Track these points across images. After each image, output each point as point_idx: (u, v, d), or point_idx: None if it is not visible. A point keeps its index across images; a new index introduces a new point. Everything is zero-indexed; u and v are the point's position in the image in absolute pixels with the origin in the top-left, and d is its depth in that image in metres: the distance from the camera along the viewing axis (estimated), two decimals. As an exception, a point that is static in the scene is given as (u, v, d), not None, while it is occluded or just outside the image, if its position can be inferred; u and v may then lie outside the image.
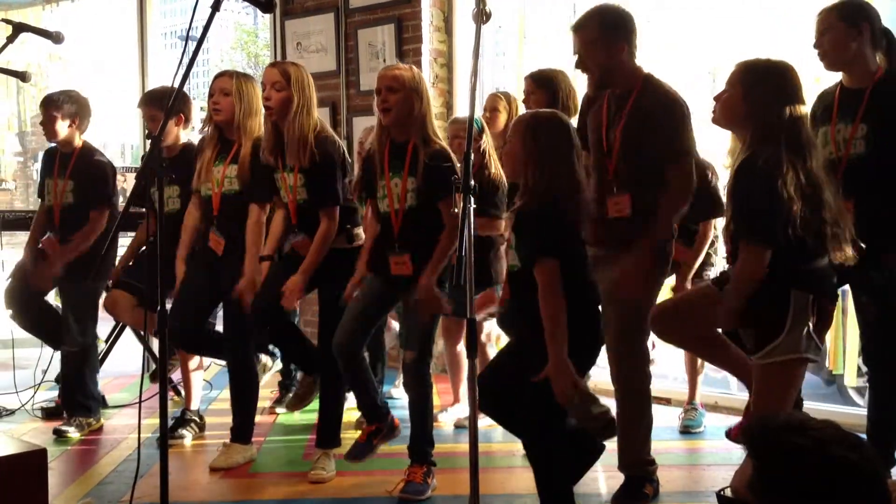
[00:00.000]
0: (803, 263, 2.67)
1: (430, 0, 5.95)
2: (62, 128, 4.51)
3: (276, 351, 4.52)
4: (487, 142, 4.28)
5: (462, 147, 4.26)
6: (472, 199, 2.58)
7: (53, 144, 4.63)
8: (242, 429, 4.06)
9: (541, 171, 2.81)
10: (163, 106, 4.22)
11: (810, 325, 2.66)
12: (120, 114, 4.37)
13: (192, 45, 2.67)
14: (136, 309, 4.38)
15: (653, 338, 4.44)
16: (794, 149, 2.64)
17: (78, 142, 4.58)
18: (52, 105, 4.50)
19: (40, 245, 4.60)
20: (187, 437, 4.40)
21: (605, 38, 3.26)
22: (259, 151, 3.81)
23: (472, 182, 2.58)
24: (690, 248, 4.17)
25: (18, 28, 3.85)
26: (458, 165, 3.50)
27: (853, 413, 4.62)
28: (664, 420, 4.65)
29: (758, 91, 2.68)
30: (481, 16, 2.78)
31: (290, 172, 3.71)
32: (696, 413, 4.52)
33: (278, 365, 4.85)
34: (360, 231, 3.84)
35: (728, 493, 1.59)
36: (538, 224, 2.80)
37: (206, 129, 4.05)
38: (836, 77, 3.39)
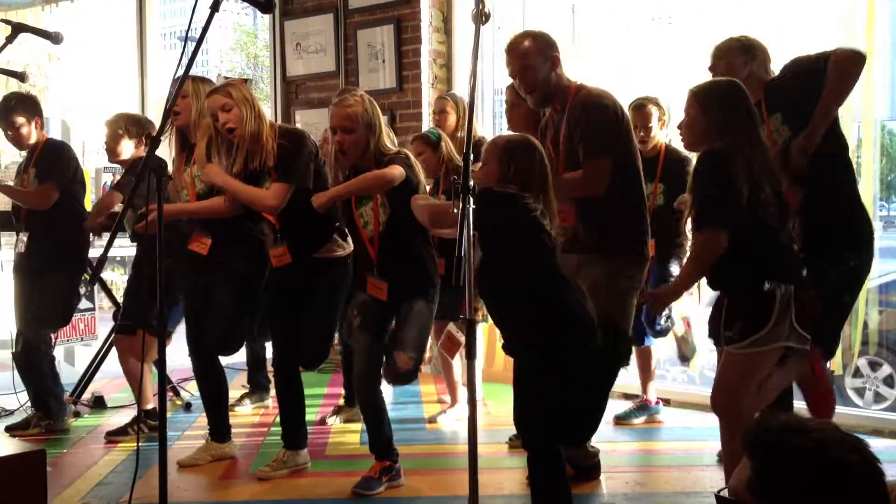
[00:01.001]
0: (780, 258, 2.81)
1: (429, 1, 5.95)
2: (30, 133, 4.54)
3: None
4: (448, 149, 4.35)
5: (428, 163, 4.37)
6: (471, 200, 2.58)
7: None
8: (219, 428, 4.10)
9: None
10: (127, 127, 4.39)
11: (793, 315, 2.77)
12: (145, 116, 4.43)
13: (191, 46, 2.67)
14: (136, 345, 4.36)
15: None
16: (745, 140, 2.84)
17: (42, 137, 4.62)
18: (15, 113, 4.49)
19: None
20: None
21: (542, 54, 3.44)
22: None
23: (472, 182, 2.57)
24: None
25: (17, 28, 3.83)
26: (419, 168, 3.59)
27: (852, 413, 4.62)
28: (663, 421, 4.66)
29: (713, 107, 2.90)
30: (480, 16, 2.78)
31: (269, 178, 3.73)
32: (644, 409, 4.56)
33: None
34: (349, 239, 3.84)
35: (726, 493, 1.59)
36: (489, 218, 2.79)
37: (168, 136, 4.04)
38: None
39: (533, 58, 3.43)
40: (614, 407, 4.35)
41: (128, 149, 4.42)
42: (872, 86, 4.53)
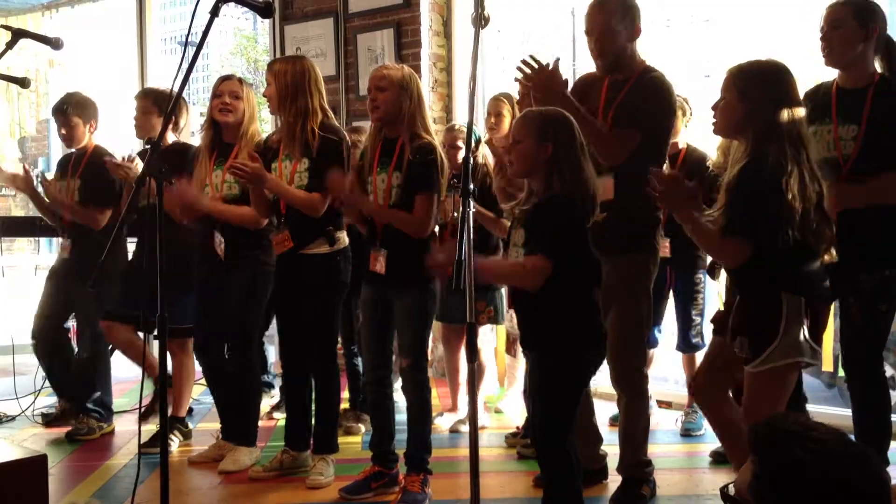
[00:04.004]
0: (795, 266, 2.67)
1: (429, 4, 5.95)
2: (82, 135, 4.60)
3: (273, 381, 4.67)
4: (483, 152, 4.33)
5: (455, 156, 4.34)
6: (472, 204, 2.58)
7: (70, 150, 4.71)
8: (247, 431, 4.08)
9: (557, 170, 2.77)
10: (157, 103, 4.34)
11: (805, 328, 2.64)
12: (119, 120, 4.42)
13: (191, 51, 2.67)
14: (133, 341, 4.41)
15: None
16: (794, 144, 2.64)
17: (91, 143, 4.65)
18: (73, 114, 4.56)
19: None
20: (174, 443, 4.36)
21: (626, 20, 3.31)
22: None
23: (472, 186, 2.57)
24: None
25: (18, 34, 3.84)
26: (447, 163, 3.55)
27: (854, 415, 4.61)
28: (665, 424, 4.65)
29: (752, 91, 2.68)
30: (480, 20, 2.79)
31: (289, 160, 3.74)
32: (696, 416, 4.52)
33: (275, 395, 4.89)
34: (342, 234, 3.82)
35: (731, 490, 1.58)
36: (551, 221, 2.77)
37: (202, 132, 4.07)
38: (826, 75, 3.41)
39: (616, 21, 3.30)
40: (607, 408, 4.33)
41: (158, 126, 4.34)
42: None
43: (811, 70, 3.48)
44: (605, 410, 4.22)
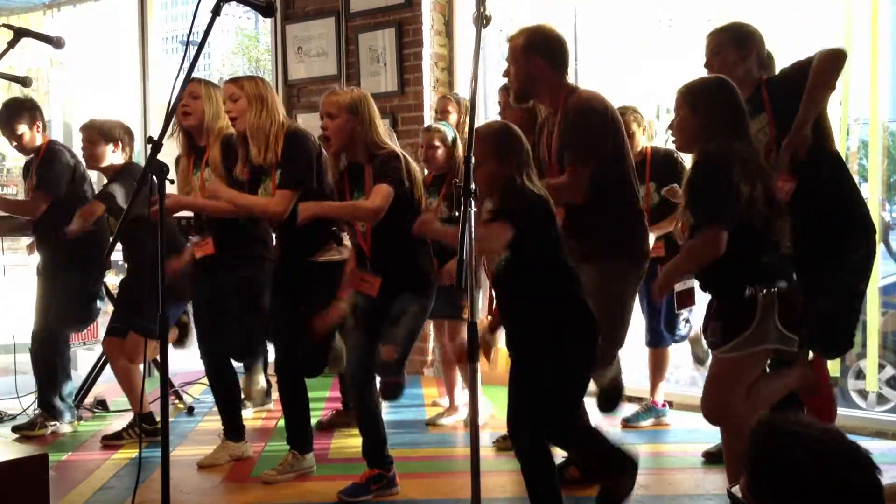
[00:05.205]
0: (756, 258, 2.78)
1: (430, 4, 5.95)
2: (33, 138, 4.60)
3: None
4: (459, 150, 4.35)
5: (434, 156, 4.39)
6: (473, 203, 2.58)
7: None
8: (233, 427, 4.11)
9: (512, 181, 2.87)
10: (101, 133, 4.39)
11: (776, 317, 2.75)
12: (119, 119, 4.44)
13: (193, 50, 2.67)
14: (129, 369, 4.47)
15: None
16: (738, 138, 2.83)
17: (44, 140, 4.66)
18: (16, 121, 4.56)
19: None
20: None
21: (526, 52, 3.44)
22: (227, 149, 3.87)
23: (473, 185, 2.57)
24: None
25: (19, 33, 3.85)
26: (414, 168, 3.55)
27: (855, 416, 4.61)
28: (670, 423, 4.65)
29: (703, 103, 2.88)
30: (481, 19, 2.79)
31: (268, 178, 3.73)
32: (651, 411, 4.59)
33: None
34: (346, 246, 3.83)
35: (737, 490, 1.59)
36: (516, 205, 2.85)
37: (176, 136, 4.05)
38: None
39: (517, 53, 3.45)
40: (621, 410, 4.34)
41: (106, 154, 4.41)
42: (878, 89, 4.53)
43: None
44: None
